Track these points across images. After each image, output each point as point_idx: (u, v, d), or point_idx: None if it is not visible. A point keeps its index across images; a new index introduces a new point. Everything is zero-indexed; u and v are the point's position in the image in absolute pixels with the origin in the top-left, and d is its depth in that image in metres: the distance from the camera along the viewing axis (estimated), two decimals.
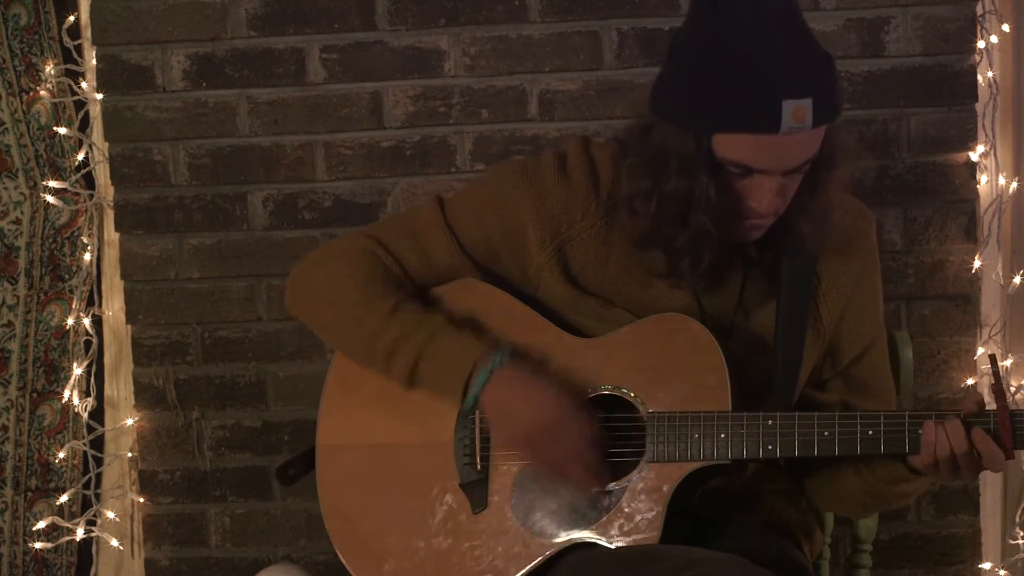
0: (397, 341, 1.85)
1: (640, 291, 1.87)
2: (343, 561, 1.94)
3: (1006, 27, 2.59)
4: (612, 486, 1.81)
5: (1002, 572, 2.65)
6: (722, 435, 1.77)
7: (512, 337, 1.88)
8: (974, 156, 2.59)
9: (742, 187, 1.74)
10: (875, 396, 1.95)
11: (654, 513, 1.78)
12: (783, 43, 1.70)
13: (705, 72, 1.71)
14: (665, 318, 1.84)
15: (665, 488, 1.78)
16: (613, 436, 1.84)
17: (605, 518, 1.80)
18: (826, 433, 1.75)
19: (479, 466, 1.87)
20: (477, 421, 1.89)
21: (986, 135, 2.60)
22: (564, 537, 1.82)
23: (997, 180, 2.62)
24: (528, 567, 1.83)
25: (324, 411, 1.98)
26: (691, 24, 1.77)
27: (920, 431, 1.73)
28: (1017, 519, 2.65)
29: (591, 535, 1.81)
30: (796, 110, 1.67)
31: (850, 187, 1.86)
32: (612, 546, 1.79)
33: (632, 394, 1.83)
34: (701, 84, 1.71)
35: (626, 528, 1.79)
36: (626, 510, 1.80)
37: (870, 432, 1.74)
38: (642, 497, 1.79)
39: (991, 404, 1.73)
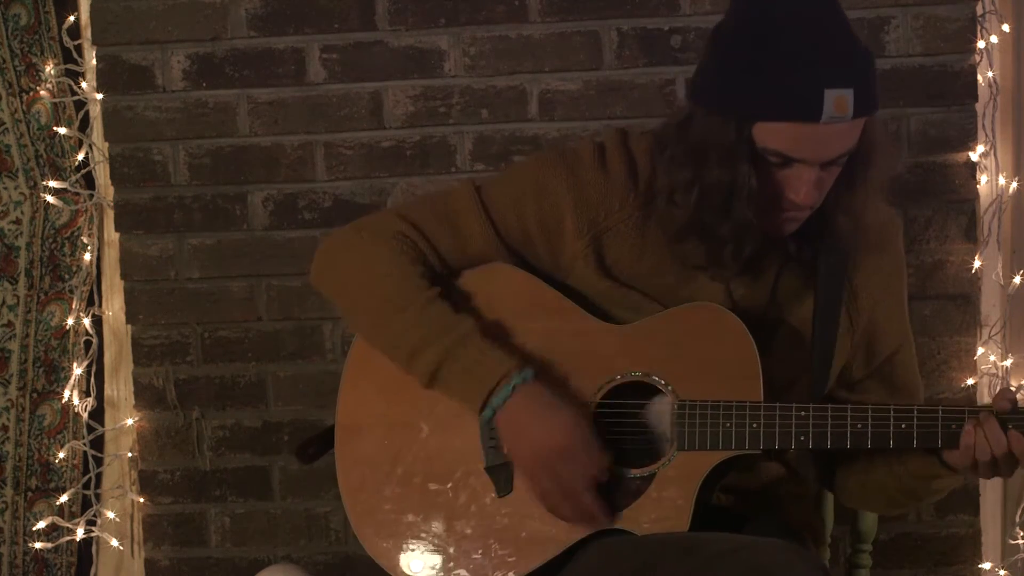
0: (424, 339, 1.82)
1: (673, 284, 1.86)
2: (361, 542, 1.90)
3: (1006, 27, 2.59)
4: (640, 473, 1.80)
5: (1002, 572, 2.64)
6: (754, 425, 1.76)
7: (541, 320, 1.86)
8: (974, 156, 2.59)
9: (780, 178, 1.73)
10: (905, 397, 1.95)
11: (683, 501, 1.77)
12: (825, 33, 1.70)
13: (746, 61, 1.70)
14: (698, 306, 1.83)
15: (694, 476, 1.77)
16: (641, 422, 1.83)
17: (633, 505, 1.79)
18: (859, 426, 1.75)
19: (505, 449, 1.85)
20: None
21: (986, 135, 2.59)
22: None
23: (997, 180, 2.61)
24: (553, 553, 1.81)
25: (345, 389, 1.94)
26: (732, 14, 1.77)
27: (953, 427, 1.73)
28: (1017, 519, 2.64)
29: (619, 522, 1.79)
30: (838, 100, 1.67)
31: (884, 190, 1.85)
32: (640, 534, 1.78)
33: (662, 381, 1.82)
34: (742, 73, 1.71)
35: (654, 516, 1.78)
36: (655, 497, 1.78)
37: (903, 426, 1.74)
38: (671, 485, 1.78)
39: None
